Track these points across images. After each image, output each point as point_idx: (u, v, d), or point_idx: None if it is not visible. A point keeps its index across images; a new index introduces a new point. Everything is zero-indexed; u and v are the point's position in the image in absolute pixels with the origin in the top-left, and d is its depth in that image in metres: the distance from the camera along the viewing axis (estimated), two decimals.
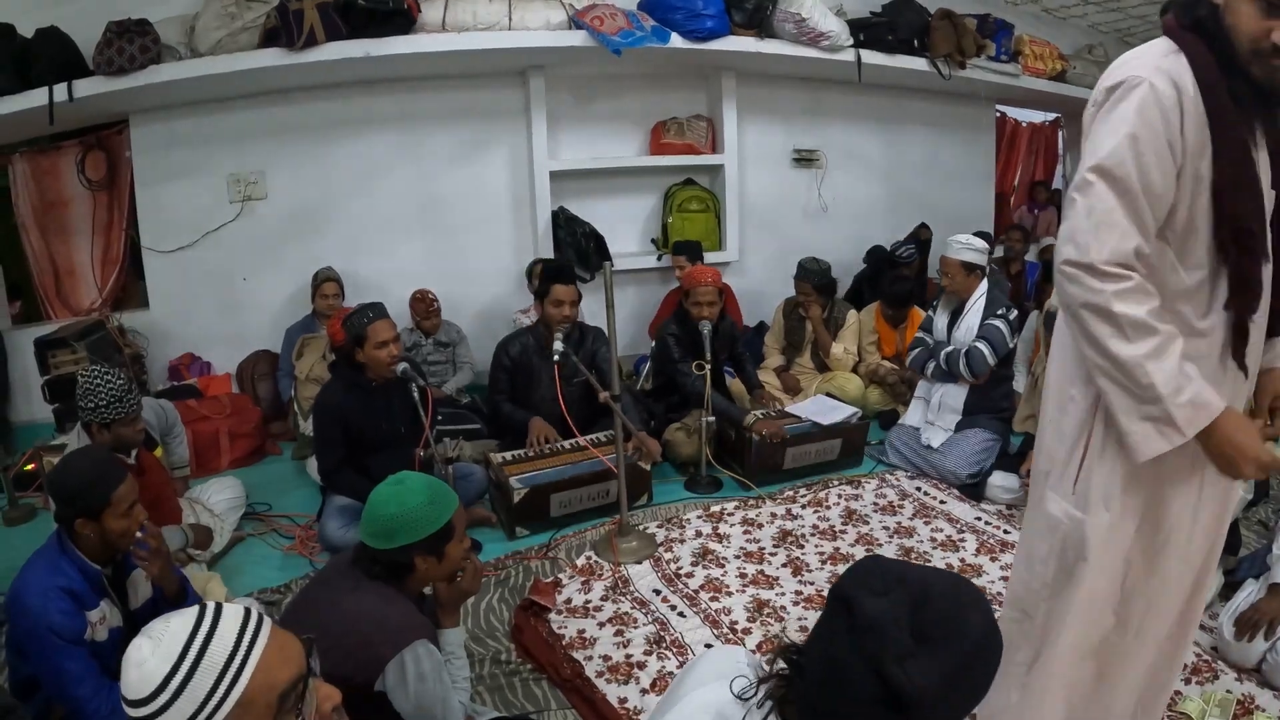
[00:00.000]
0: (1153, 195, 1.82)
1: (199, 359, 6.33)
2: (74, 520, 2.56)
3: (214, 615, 1.31)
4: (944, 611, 1.21)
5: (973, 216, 8.14)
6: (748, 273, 7.37)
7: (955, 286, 4.93)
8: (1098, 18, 8.40)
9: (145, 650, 1.26)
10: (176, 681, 1.24)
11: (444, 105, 6.50)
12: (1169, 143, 1.80)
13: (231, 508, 4.42)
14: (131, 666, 1.26)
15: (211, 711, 1.24)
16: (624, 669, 3.19)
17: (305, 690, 1.35)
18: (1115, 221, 1.82)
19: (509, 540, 4.28)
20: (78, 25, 5.30)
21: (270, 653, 1.31)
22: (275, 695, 1.29)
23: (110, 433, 3.55)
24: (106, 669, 2.61)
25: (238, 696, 1.26)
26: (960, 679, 1.19)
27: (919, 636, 1.18)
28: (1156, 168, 1.81)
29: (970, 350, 4.78)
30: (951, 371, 4.88)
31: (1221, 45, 1.78)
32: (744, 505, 4.58)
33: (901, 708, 1.16)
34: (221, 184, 6.20)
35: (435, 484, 2.43)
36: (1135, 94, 1.81)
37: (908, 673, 1.15)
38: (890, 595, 1.22)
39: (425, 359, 5.84)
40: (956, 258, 4.88)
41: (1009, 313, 4.81)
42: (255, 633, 1.32)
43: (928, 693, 1.15)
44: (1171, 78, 1.80)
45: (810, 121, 7.52)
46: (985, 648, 1.22)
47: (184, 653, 1.25)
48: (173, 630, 1.28)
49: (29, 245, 6.31)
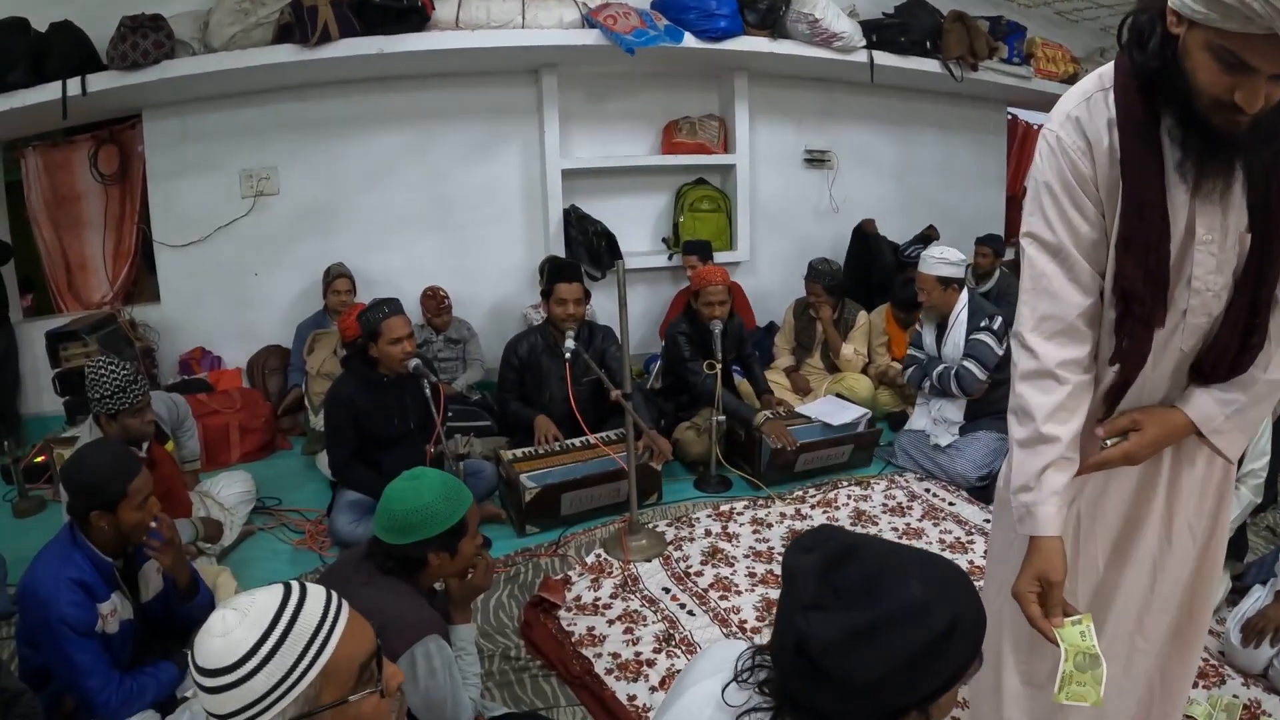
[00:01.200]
0: (1086, 244, 1.78)
1: (210, 353, 6.34)
2: (88, 512, 2.58)
3: (301, 590, 1.36)
4: (866, 572, 1.24)
5: (983, 219, 8.11)
6: (758, 273, 7.37)
7: (933, 302, 4.92)
8: (1110, 20, 8.36)
9: (231, 620, 1.30)
10: (265, 649, 1.28)
11: (456, 103, 6.50)
12: (1084, 190, 1.76)
13: (242, 501, 4.42)
14: (214, 637, 1.30)
15: (297, 679, 1.29)
16: (633, 666, 3.19)
17: (380, 663, 1.41)
18: (1049, 287, 1.81)
19: (519, 537, 4.28)
20: (91, 20, 5.32)
21: (351, 626, 1.37)
22: (356, 665, 1.35)
23: (118, 424, 3.56)
24: (117, 661, 2.63)
25: (322, 665, 1.31)
26: (871, 640, 1.19)
27: (833, 591, 1.23)
28: (1081, 217, 1.77)
29: (959, 371, 4.78)
30: (945, 391, 4.89)
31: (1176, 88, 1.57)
32: (753, 505, 4.58)
33: (808, 659, 1.21)
34: (234, 179, 6.22)
35: (450, 480, 2.44)
36: (1044, 145, 1.80)
37: (809, 620, 1.21)
38: (813, 552, 1.28)
39: (436, 355, 5.84)
40: (931, 273, 4.86)
41: (993, 322, 4.79)
42: (339, 607, 1.38)
43: (828, 644, 1.19)
44: (1083, 127, 1.75)
45: (822, 122, 7.50)
46: (916, 615, 1.21)
47: (274, 622, 1.30)
48: (260, 603, 1.32)
49: (40, 239, 6.33)
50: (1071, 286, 1.80)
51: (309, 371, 5.45)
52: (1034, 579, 1.77)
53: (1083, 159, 1.74)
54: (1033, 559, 1.79)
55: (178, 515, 3.74)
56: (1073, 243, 1.78)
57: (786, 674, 1.29)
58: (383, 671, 1.41)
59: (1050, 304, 1.81)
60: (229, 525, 4.17)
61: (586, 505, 4.40)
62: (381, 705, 1.40)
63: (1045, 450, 1.79)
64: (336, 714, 1.33)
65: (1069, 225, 1.77)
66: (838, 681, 1.20)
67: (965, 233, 7.36)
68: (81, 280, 6.51)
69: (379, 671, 1.40)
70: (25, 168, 6.20)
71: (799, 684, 1.27)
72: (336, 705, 1.32)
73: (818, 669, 1.20)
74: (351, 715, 1.34)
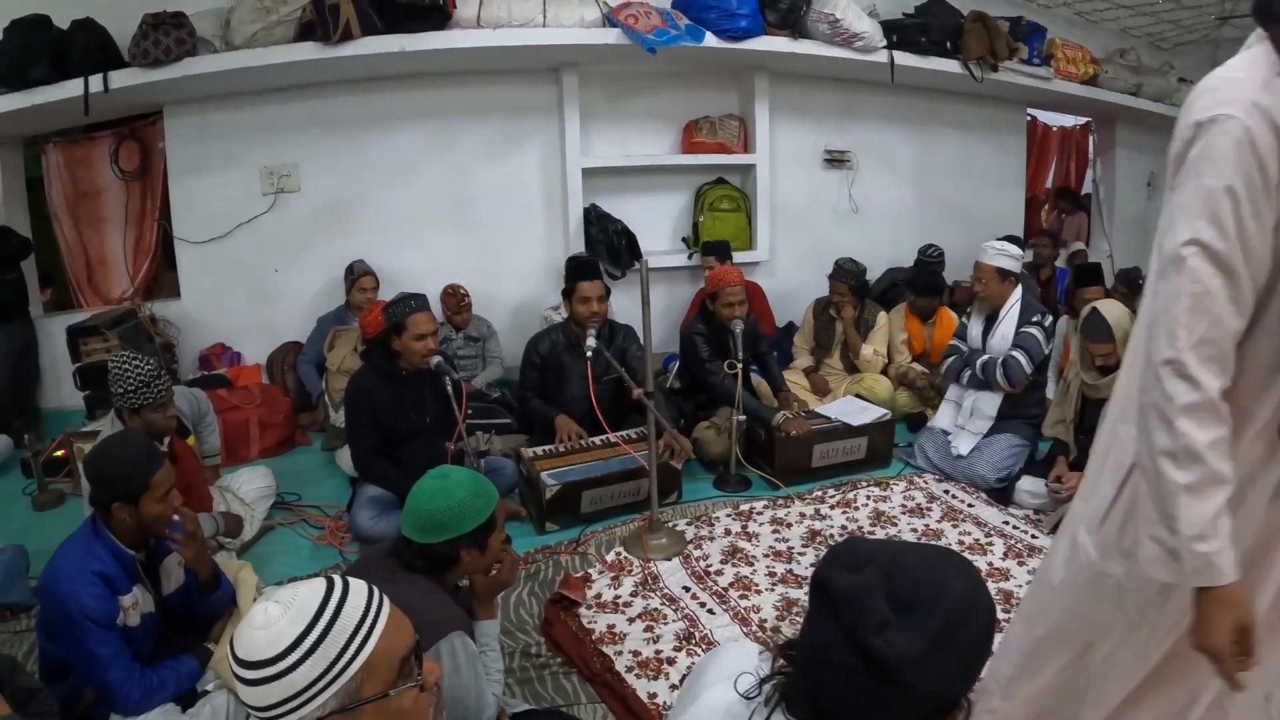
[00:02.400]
0: (1255, 259, 1.59)
1: (229, 349, 6.38)
2: (110, 503, 2.58)
3: (343, 584, 1.38)
4: (919, 579, 1.24)
5: (1003, 220, 8.09)
6: (778, 273, 7.36)
7: (989, 293, 4.88)
8: (1130, 21, 8.36)
9: (274, 613, 1.31)
10: (309, 642, 1.29)
11: (477, 101, 6.52)
12: (1266, 193, 1.56)
13: (262, 496, 4.43)
14: (255, 630, 1.30)
15: (339, 673, 1.30)
16: (653, 664, 3.18)
17: (420, 657, 1.42)
18: (1211, 307, 1.59)
19: (539, 535, 4.28)
20: (113, 17, 5.36)
21: (392, 621, 1.38)
22: (396, 659, 1.36)
23: (140, 418, 3.57)
24: (138, 655, 2.63)
25: (364, 659, 1.32)
26: (946, 641, 1.20)
27: (896, 606, 1.21)
28: (1256, 229, 1.57)
29: (1007, 360, 4.74)
30: (988, 380, 4.84)
31: None
32: (773, 504, 4.56)
33: (888, 677, 1.18)
34: (254, 176, 6.25)
35: (477, 477, 2.45)
36: (1226, 139, 1.55)
37: (888, 640, 1.18)
38: (863, 571, 1.25)
39: (456, 353, 5.86)
40: (991, 263, 4.83)
41: (1044, 319, 4.77)
42: (380, 601, 1.39)
43: (912, 659, 1.18)
44: (1270, 117, 1.53)
45: (842, 122, 7.49)
46: (969, 610, 1.23)
47: (318, 616, 1.31)
48: (303, 596, 1.33)
49: (61, 234, 6.38)
50: (1232, 308, 1.61)
51: (329, 368, 5.46)
52: (1232, 630, 1.62)
53: (1273, 158, 1.55)
54: (1223, 611, 1.62)
55: (199, 510, 3.76)
56: (1243, 257, 1.58)
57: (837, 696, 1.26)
58: (422, 666, 1.41)
59: (1211, 326, 1.60)
60: (249, 520, 4.17)
61: (607, 503, 4.39)
62: (421, 699, 1.40)
63: (1218, 493, 1.61)
64: (377, 708, 1.33)
65: (1244, 236, 1.57)
66: (917, 692, 1.20)
67: (983, 234, 7.31)
68: (102, 275, 6.56)
69: (419, 666, 1.40)
70: (46, 163, 6.25)
71: (853, 702, 1.25)
72: (377, 699, 1.33)
73: (896, 684, 1.19)
74: (392, 709, 1.35)
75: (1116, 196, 9.32)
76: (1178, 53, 9.02)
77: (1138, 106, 8.22)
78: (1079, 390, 4.37)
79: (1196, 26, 8.42)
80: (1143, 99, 8.22)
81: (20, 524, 4.47)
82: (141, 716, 2.58)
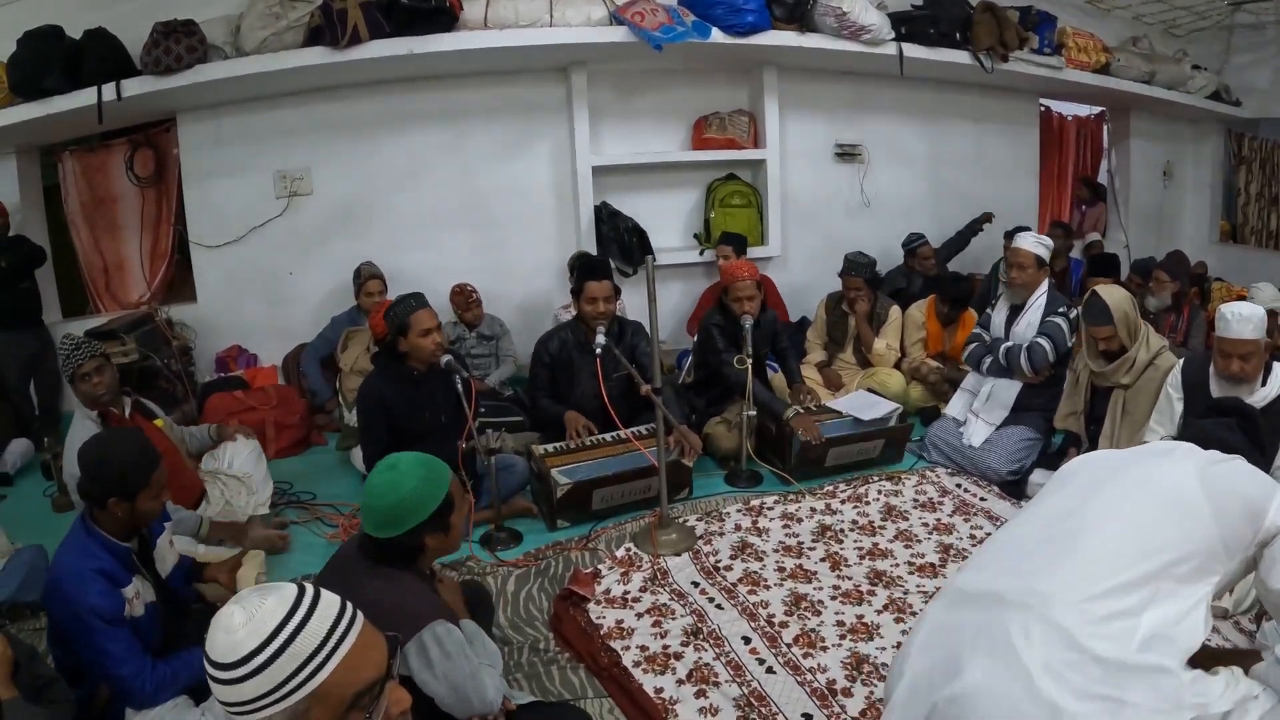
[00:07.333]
0: None
1: (246, 351, 6.44)
2: (107, 499, 2.61)
3: (310, 604, 1.36)
4: None
5: (1016, 211, 8.02)
6: (790, 268, 7.35)
7: (1025, 279, 4.85)
8: (1142, 9, 8.30)
9: (237, 620, 1.31)
10: (259, 660, 1.29)
11: (486, 101, 6.55)
12: None
13: (252, 460, 4.47)
14: (220, 630, 1.31)
15: (285, 694, 1.30)
16: (661, 659, 3.20)
17: (381, 693, 1.39)
18: None
19: (549, 531, 4.31)
20: (125, 26, 5.43)
21: (355, 652, 1.36)
22: (351, 693, 1.34)
23: (76, 391, 3.98)
24: (147, 646, 2.66)
25: (313, 688, 1.31)
26: None
27: None
28: None
29: (1032, 345, 4.74)
30: (1010, 367, 4.84)
31: None
32: (783, 500, 4.56)
33: None
34: (268, 180, 6.31)
35: (426, 459, 2.44)
36: None
37: None
38: None
39: (468, 352, 5.88)
40: (1033, 250, 4.82)
41: (1069, 311, 4.77)
42: (345, 631, 1.36)
43: None
44: None
45: (852, 116, 7.47)
46: None
47: (273, 635, 1.30)
48: (267, 609, 1.33)
49: (78, 241, 6.45)
50: None
51: (342, 368, 5.50)
52: None
53: None
54: None
55: (186, 494, 3.95)
56: None
57: None
58: (384, 699, 1.39)
59: None
60: (249, 486, 4.27)
61: (617, 500, 4.41)
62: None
63: None
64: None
65: None
66: None
67: (997, 225, 7.32)
68: (119, 281, 6.63)
69: (377, 700, 1.39)
70: (63, 171, 6.32)
71: None
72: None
73: None
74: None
75: (1132, 186, 9.26)
76: (1191, 40, 8.92)
77: (1151, 94, 8.15)
78: (1088, 380, 4.36)
79: (1209, 13, 8.33)
80: (1156, 87, 8.14)
81: (40, 525, 4.51)
82: (155, 709, 2.61)
